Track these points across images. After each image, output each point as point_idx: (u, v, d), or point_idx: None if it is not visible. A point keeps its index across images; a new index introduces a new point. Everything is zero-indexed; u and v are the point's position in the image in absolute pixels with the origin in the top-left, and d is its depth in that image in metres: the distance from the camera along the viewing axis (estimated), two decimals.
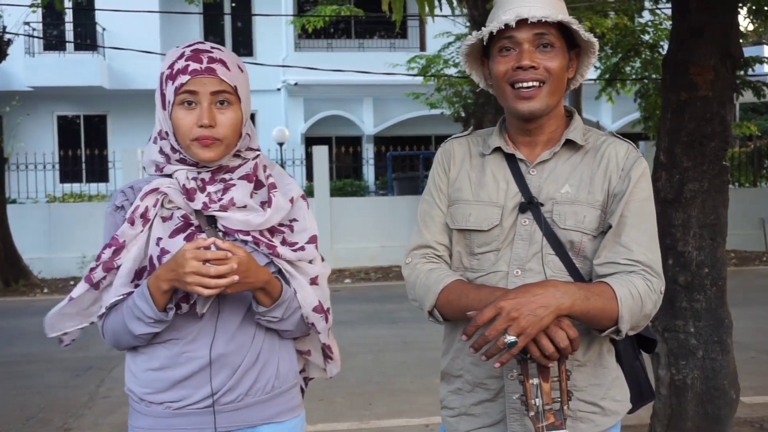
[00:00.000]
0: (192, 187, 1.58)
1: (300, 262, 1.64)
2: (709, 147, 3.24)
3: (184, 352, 1.59)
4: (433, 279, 1.59)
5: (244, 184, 1.62)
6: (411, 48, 17.51)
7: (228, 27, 18.67)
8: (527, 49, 1.54)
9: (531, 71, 1.54)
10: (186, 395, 1.59)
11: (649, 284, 1.49)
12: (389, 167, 16.12)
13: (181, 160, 1.59)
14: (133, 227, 1.55)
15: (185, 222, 1.58)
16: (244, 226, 1.58)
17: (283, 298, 1.59)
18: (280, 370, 1.67)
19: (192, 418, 1.59)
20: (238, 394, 1.61)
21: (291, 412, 1.69)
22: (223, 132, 1.56)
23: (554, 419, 1.38)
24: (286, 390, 1.69)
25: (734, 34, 3.31)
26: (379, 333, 7.31)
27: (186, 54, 1.56)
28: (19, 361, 6.53)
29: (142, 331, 1.55)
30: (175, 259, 1.46)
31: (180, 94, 1.54)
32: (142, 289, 1.53)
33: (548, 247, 1.55)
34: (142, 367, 1.63)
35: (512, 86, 1.57)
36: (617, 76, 10.62)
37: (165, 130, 1.59)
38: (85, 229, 12.08)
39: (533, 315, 1.35)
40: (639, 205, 1.54)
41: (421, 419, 4.59)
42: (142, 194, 1.57)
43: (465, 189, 1.65)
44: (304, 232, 1.67)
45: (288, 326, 1.64)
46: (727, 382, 3.25)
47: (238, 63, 1.61)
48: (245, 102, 1.61)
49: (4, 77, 14.43)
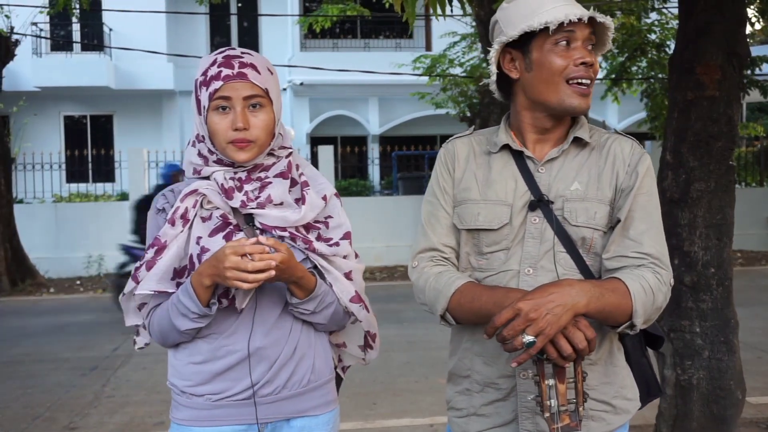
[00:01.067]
0: (230, 186, 1.65)
1: (335, 257, 1.71)
2: (715, 147, 3.23)
3: (223, 345, 1.66)
4: (443, 282, 1.58)
5: (280, 181, 1.68)
6: (417, 48, 17.48)
7: (234, 27, 18.70)
8: (585, 47, 1.57)
9: (590, 69, 1.57)
10: (226, 387, 1.66)
11: (659, 277, 1.50)
12: (394, 167, 16.11)
13: (218, 161, 1.67)
14: (173, 228, 1.63)
15: (224, 221, 1.65)
16: (281, 223, 1.65)
17: (316, 293, 1.65)
18: (315, 364, 1.73)
19: (231, 409, 1.66)
20: (275, 387, 1.67)
21: (325, 407, 1.75)
22: (257, 134, 1.63)
23: (569, 420, 1.37)
24: (322, 384, 1.75)
25: (741, 34, 3.30)
26: (384, 333, 7.26)
27: (218, 60, 1.64)
28: (26, 361, 6.55)
29: (187, 326, 1.62)
30: (215, 255, 1.54)
31: (214, 100, 1.62)
32: (186, 286, 1.60)
33: (559, 244, 1.56)
34: (183, 361, 1.70)
35: (567, 82, 1.57)
36: (623, 75, 10.58)
37: (201, 134, 1.67)
38: (92, 228, 12.13)
39: (552, 315, 1.36)
40: (646, 200, 1.56)
41: (426, 419, 4.59)
42: (181, 196, 1.65)
43: (472, 188, 1.64)
44: (339, 228, 1.74)
45: (320, 319, 1.70)
46: (733, 383, 3.23)
47: (268, 66, 1.70)
48: (276, 103, 1.68)
49: (12, 77, 14.46)
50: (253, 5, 18.54)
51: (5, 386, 5.67)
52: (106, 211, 12.35)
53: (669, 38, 9.97)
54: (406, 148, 17.00)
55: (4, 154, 11.35)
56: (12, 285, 10.97)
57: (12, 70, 13.51)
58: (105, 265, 12.10)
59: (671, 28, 9.90)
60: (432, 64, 13.19)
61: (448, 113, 13.97)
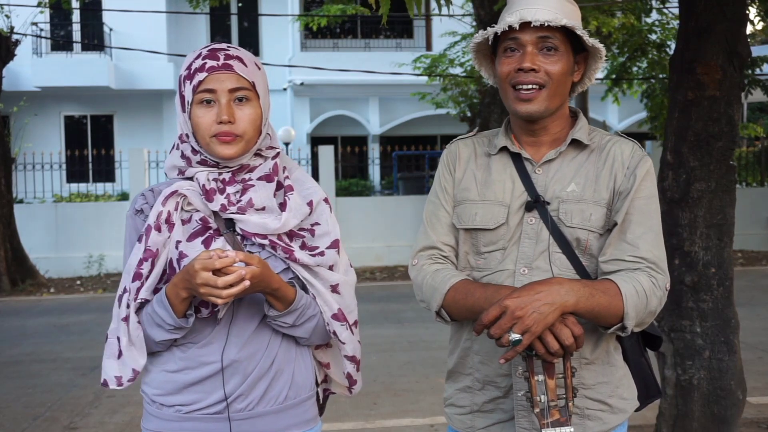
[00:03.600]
0: (212, 187, 1.57)
1: (318, 268, 1.60)
2: (716, 146, 3.22)
3: (197, 356, 1.58)
4: (440, 279, 1.60)
5: (263, 184, 1.59)
6: (417, 48, 17.49)
7: (234, 27, 18.70)
8: (530, 52, 1.55)
9: (531, 74, 1.55)
10: (197, 399, 1.57)
11: (653, 281, 1.50)
12: (395, 167, 16.11)
13: (202, 162, 1.58)
14: (160, 234, 1.55)
15: (204, 225, 1.57)
16: (261, 230, 1.55)
17: (295, 306, 1.56)
18: (295, 379, 1.63)
19: (202, 423, 1.57)
20: (249, 402, 1.58)
21: (305, 425, 1.65)
22: (243, 128, 1.55)
23: (559, 416, 1.38)
24: (301, 402, 1.64)
25: (742, 33, 3.29)
26: (385, 333, 7.30)
27: (203, 54, 1.56)
28: (26, 361, 6.55)
29: (162, 337, 1.55)
30: (187, 269, 1.45)
31: (198, 93, 1.54)
32: (161, 297, 1.52)
33: (555, 245, 1.56)
34: (157, 368, 1.61)
35: (513, 87, 1.58)
36: (624, 75, 10.58)
37: (185, 132, 1.59)
38: (92, 228, 12.13)
39: (538, 313, 1.37)
40: (644, 203, 1.55)
41: (426, 419, 4.59)
42: (162, 198, 1.56)
43: (471, 189, 1.66)
44: (326, 237, 1.63)
45: (301, 333, 1.61)
46: (733, 383, 3.23)
47: (255, 61, 1.61)
48: (264, 99, 1.60)
49: (12, 77, 14.47)
50: (253, 5, 18.54)
51: (5, 386, 5.67)
52: (107, 211, 12.36)
53: (669, 38, 9.96)
54: (407, 148, 17.01)
55: (4, 154, 11.36)
56: (12, 285, 10.97)
57: (12, 70, 13.52)
58: (105, 265, 12.11)
59: (672, 28, 9.89)
60: (432, 63, 13.19)
61: (448, 113, 13.98)
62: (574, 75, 1.62)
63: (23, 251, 11.42)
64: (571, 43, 1.58)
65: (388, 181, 17.19)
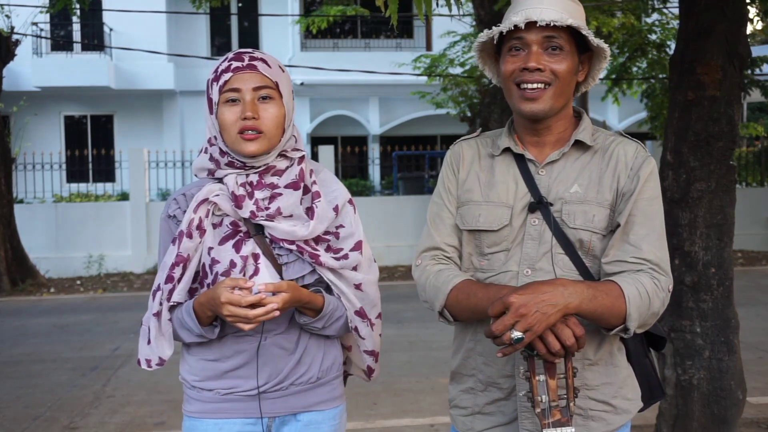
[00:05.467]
0: (241, 194, 1.66)
1: (343, 270, 1.71)
2: (716, 146, 3.23)
3: (234, 346, 1.69)
4: (442, 279, 1.61)
5: (291, 192, 1.68)
6: (417, 48, 17.48)
7: (234, 27, 18.69)
8: (535, 51, 1.55)
9: (537, 73, 1.55)
10: (235, 385, 1.70)
11: (656, 282, 1.50)
12: (395, 167, 16.11)
13: (230, 164, 1.67)
14: (191, 240, 1.65)
15: (234, 229, 1.66)
16: (289, 237, 1.65)
17: (324, 312, 1.67)
18: (324, 364, 1.76)
19: (240, 403, 1.70)
20: (283, 384, 1.71)
21: (332, 402, 1.80)
22: (266, 125, 1.63)
23: (560, 416, 1.39)
24: (329, 380, 1.78)
25: (742, 34, 3.29)
26: (385, 333, 7.23)
27: (229, 57, 1.67)
28: (26, 361, 6.55)
29: (190, 340, 1.69)
30: (212, 296, 1.55)
31: (224, 93, 1.63)
32: (189, 307, 1.64)
33: (558, 246, 1.56)
34: (196, 357, 1.73)
35: (518, 86, 1.58)
36: (624, 75, 10.58)
37: (213, 135, 1.68)
38: (92, 228, 12.13)
39: (541, 312, 1.37)
40: (647, 204, 1.55)
41: (426, 419, 4.59)
42: (194, 205, 1.66)
43: (474, 190, 1.66)
44: (350, 238, 1.73)
45: (331, 332, 1.74)
46: (733, 383, 3.23)
47: (279, 64, 1.72)
48: (287, 99, 1.69)
49: (12, 77, 14.45)
50: (253, 5, 18.53)
51: (5, 386, 5.67)
52: (107, 211, 12.35)
53: (669, 38, 9.96)
54: (407, 147, 17.00)
55: (4, 154, 11.35)
56: (12, 285, 10.96)
57: (12, 70, 13.52)
58: (105, 265, 12.11)
59: (672, 28, 9.90)
60: (432, 63, 13.18)
61: (448, 113, 13.97)
62: (578, 75, 1.63)
63: (23, 251, 11.41)
64: (576, 43, 1.58)
65: (388, 181, 17.19)
